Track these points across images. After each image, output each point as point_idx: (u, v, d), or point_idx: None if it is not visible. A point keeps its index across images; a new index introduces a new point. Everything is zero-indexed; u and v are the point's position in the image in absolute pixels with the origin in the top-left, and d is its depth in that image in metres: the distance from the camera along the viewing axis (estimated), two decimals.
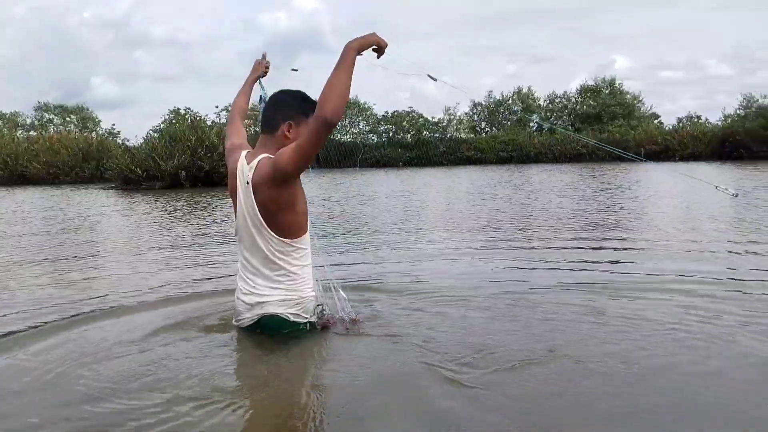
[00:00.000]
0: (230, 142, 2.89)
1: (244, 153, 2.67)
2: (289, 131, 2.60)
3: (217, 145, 18.63)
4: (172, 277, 4.45)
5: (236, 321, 2.78)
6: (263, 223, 2.57)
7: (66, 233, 7.54)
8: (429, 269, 4.55)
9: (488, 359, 2.43)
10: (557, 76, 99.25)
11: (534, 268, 4.49)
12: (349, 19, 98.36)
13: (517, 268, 4.51)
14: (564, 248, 5.24)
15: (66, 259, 5.45)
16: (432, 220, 8.21)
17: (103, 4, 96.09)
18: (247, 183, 2.57)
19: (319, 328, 2.75)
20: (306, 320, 2.70)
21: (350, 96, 2.47)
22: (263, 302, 2.65)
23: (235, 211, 2.70)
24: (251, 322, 2.70)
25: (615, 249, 5.19)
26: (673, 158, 32.42)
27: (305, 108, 2.59)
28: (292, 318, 2.66)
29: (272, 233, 2.58)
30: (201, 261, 5.18)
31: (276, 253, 2.61)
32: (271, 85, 3.10)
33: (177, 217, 9.34)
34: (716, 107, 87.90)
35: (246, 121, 3.20)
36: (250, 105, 3.21)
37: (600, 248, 5.28)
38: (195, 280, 4.31)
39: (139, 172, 18.45)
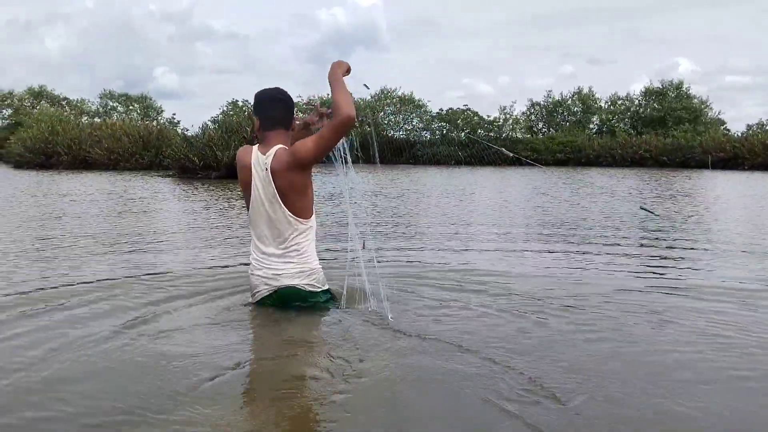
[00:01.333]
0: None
1: (255, 147, 3.04)
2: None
3: None
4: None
5: (253, 295, 3.13)
6: (281, 202, 2.94)
7: (123, 216, 7.59)
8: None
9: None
10: (616, 79, 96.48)
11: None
12: (405, 17, 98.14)
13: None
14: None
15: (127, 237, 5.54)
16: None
17: None
18: (266, 170, 2.93)
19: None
20: (320, 289, 3.08)
21: (405, 93, 3.44)
22: (279, 275, 3.00)
23: (247, 201, 3.07)
24: (267, 293, 3.04)
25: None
26: (742, 167, 30.80)
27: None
28: (308, 288, 3.03)
29: (288, 212, 2.95)
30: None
31: (291, 230, 2.98)
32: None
33: (230, 205, 9.28)
34: None
35: None
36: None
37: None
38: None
39: (196, 161, 18.64)
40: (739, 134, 37.32)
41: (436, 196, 12.46)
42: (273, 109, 3.04)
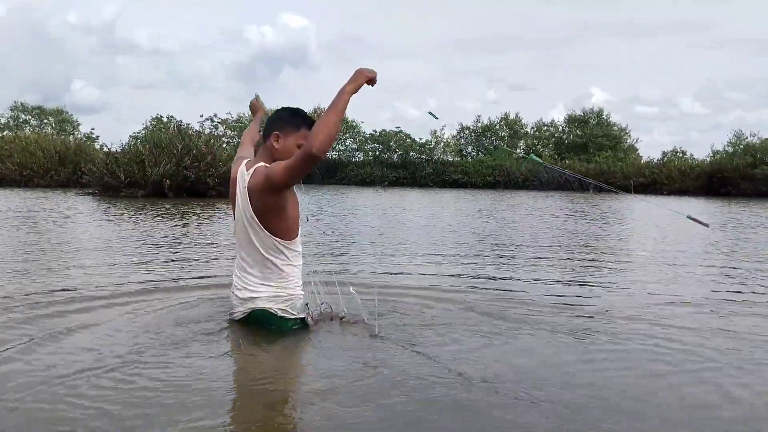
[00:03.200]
0: (238, 154, 3.20)
1: (245, 161, 2.95)
2: (276, 141, 2.87)
3: (205, 154, 17.79)
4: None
5: (230, 314, 3.07)
6: (259, 223, 2.83)
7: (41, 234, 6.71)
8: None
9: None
10: (536, 105, 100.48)
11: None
12: (334, 36, 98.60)
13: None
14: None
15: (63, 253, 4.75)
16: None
17: (88, 9, 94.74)
18: (245, 187, 2.84)
19: (312, 323, 3.03)
20: (294, 317, 2.96)
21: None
22: (254, 297, 2.91)
23: (234, 215, 2.98)
24: (243, 316, 2.98)
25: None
26: (661, 192, 32.35)
27: (296, 121, 2.89)
28: (280, 314, 2.92)
29: (267, 233, 2.84)
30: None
31: (270, 251, 2.87)
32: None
33: (173, 224, 8.51)
34: (690, 144, 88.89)
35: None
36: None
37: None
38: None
39: (122, 177, 17.48)
40: (655, 160, 39.34)
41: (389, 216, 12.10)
42: (265, 124, 3.01)
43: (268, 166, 2.81)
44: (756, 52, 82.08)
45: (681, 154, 42.34)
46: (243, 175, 2.88)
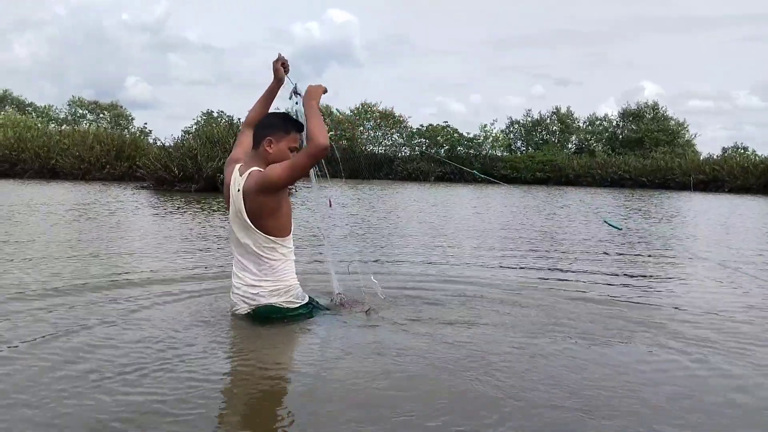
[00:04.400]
0: (231, 155, 3.31)
1: (237, 166, 3.12)
2: (269, 146, 3.04)
3: None
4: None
5: (232, 311, 3.22)
6: (251, 224, 3.01)
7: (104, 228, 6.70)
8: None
9: None
10: (584, 100, 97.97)
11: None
12: (379, 34, 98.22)
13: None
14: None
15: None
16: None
17: (141, 7, 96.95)
18: (238, 191, 3.02)
19: (338, 304, 3.50)
20: (298, 304, 3.19)
21: (386, 107, 4.45)
22: (256, 294, 3.08)
23: (229, 218, 3.14)
24: (246, 312, 3.15)
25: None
26: (722, 189, 30.93)
27: (286, 126, 3.09)
28: (285, 305, 3.13)
29: (260, 232, 3.01)
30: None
31: (264, 249, 3.04)
32: None
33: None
34: (745, 138, 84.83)
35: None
36: (286, 109, 3.56)
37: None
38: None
39: (176, 172, 17.63)
40: (714, 156, 37.69)
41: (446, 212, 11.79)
42: (255, 129, 3.16)
43: (262, 170, 2.99)
44: None
45: (742, 150, 40.51)
46: (236, 179, 3.05)
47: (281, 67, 3.47)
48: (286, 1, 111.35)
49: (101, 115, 45.62)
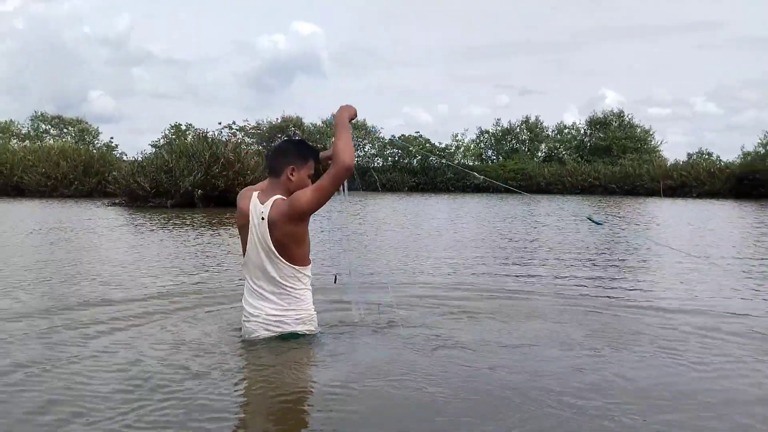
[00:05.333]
0: (255, 185, 3.28)
1: (255, 194, 3.05)
2: (292, 174, 3.01)
3: (233, 162, 17.43)
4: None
5: (247, 337, 3.14)
6: (276, 253, 2.97)
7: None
8: None
9: None
10: (548, 109, 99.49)
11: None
12: (345, 46, 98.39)
13: None
14: None
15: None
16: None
17: (103, 21, 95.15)
18: (263, 219, 2.97)
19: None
20: (316, 333, 3.20)
21: (358, 119, 3.31)
22: (280, 322, 3.06)
23: (243, 245, 3.10)
24: (267, 337, 3.08)
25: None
26: (691, 195, 31.60)
27: (305, 153, 3.08)
28: (307, 333, 3.14)
29: (285, 262, 2.99)
30: None
31: (288, 278, 3.02)
32: None
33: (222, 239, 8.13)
34: (703, 144, 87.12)
35: None
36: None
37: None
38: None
39: (148, 188, 17.17)
40: (681, 162, 38.51)
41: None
42: (271, 159, 3.11)
43: (286, 198, 2.97)
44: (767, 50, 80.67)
45: (707, 156, 41.52)
46: (257, 207, 2.99)
47: None
48: (251, 14, 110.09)
49: (65, 130, 44.42)
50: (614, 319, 3.87)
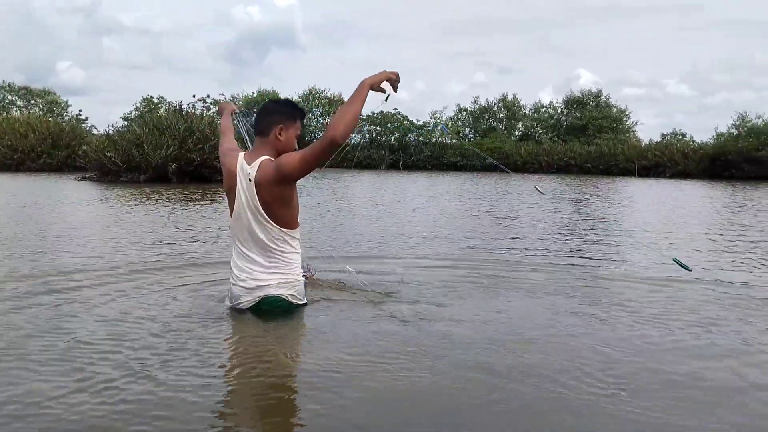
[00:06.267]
0: (226, 146, 3.26)
1: (241, 154, 3.02)
2: (280, 134, 2.98)
3: (209, 137, 17.01)
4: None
5: (233, 304, 3.11)
6: (264, 215, 2.91)
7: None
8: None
9: None
10: (525, 88, 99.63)
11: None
12: (322, 18, 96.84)
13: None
14: None
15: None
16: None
17: None
18: (250, 180, 2.91)
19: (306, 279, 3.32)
20: (301, 302, 3.13)
21: (336, 94, 7.41)
22: (263, 285, 2.99)
23: (231, 207, 3.05)
24: (251, 304, 3.05)
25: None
26: (664, 174, 31.98)
27: (293, 113, 3.05)
28: (290, 299, 3.06)
29: (272, 223, 2.92)
30: None
31: (276, 241, 2.96)
32: None
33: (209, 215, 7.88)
34: (675, 125, 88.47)
35: None
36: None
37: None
38: None
39: (119, 162, 16.70)
40: (654, 142, 38.88)
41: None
42: (258, 119, 3.03)
43: (273, 159, 2.91)
44: (741, 34, 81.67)
45: (680, 137, 42.02)
46: (244, 167, 2.94)
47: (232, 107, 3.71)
48: None
49: (33, 102, 43.09)
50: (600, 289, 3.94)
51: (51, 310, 3.19)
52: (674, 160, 32.68)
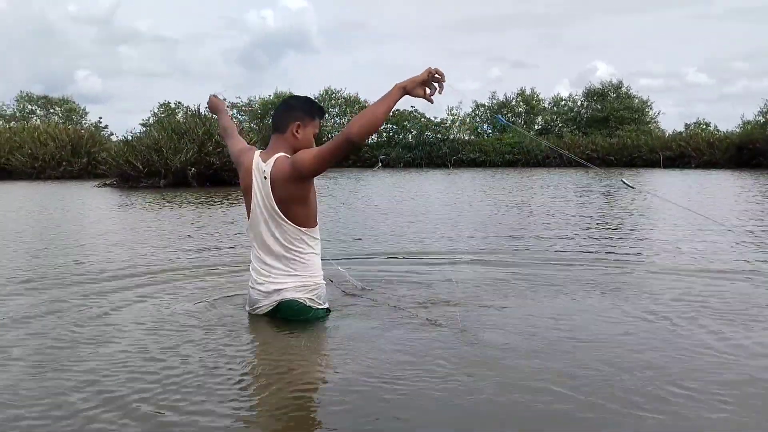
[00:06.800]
0: (238, 147, 3.09)
1: (257, 152, 2.91)
2: (297, 131, 2.87)
3: None
4: None
5: (251, 309, 3.00)
6: (280, 214, 2.80)
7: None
8: None
9: None
10: (540, 82, 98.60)
11: None
12: (335, 20, 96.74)
13: None
14: None
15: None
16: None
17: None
18: (265, 178, 2.82)
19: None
20: (321, 306, 2.96)
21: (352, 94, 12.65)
22: (281, 289, 2.86)
23: (248, 208, 2.95)
24: (269, 309, 2.92)
25: None
26: (689, 165, 31.26)
27: (311, 110, 2.94)
28: (308, 303, 2.90)
29: (288, 222, 2.81)
30: None
31: (293, 241, 2.83)
32: None
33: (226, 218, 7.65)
34: (694, 114, 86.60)
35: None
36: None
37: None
38: None
39: (140, 167, 16.60)
40: (680, 132, 38.08)
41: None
42: (276, 116, 2.94)
43: (289, 156, 2.81)
44: (759, 20, 79.84)
45: (704, 126, 41.10)
46: (259, 165, 2.85)
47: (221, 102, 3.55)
48: None
49: (52, 111, 43.41)
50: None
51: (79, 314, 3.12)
52: (699, 150, 31.94)
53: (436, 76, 2.68)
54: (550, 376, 2.20)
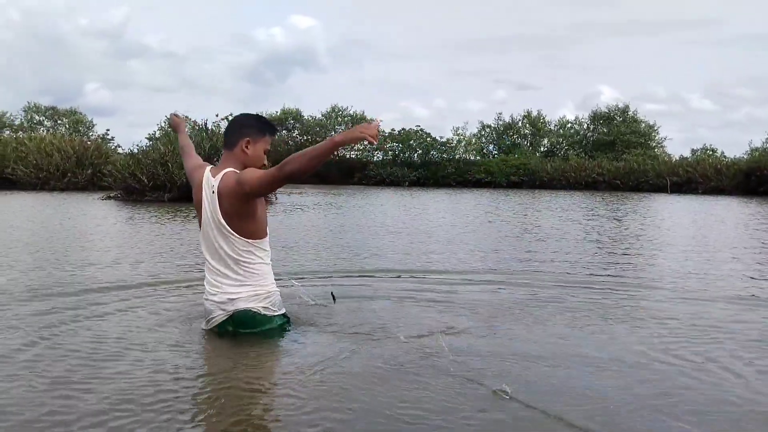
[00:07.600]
0: (193, 162, 3.24)
1: (208, 168, 3.02)
2: (246, 147, 2.97)
3: None
4: None
5: (207, 322, 3.08)
6: (227, 227, 2.90)
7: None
8: None
9: None
10: (544, 104, 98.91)
11: None
12: (342, 39, 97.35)
13: None
14: None
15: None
16: None
17: (99, 13, 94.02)
18: (213, 192, 2.90)
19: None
20: (276, 313, 3.07)
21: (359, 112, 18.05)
22: (234, 299, 2.96)
23: (200, 221, 3.02)
24: (223, 319, 3.01)
25: None
26: (696, 191, 31.05)
27: (262, 127, 3.03)
28: (263, 311, 3.01)
29: (235, 235, 2.90)
30: None
31: (242, 253, 2.93)
32: None
33: None
34: (698, 139, 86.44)
35: None
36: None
37: None
38: None
39: (145, 180, 16.48)
40: (686, 158, 37.95)
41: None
42: (226, 132, 3.02)
43: (238, 171, 2.87)
44: (764, 48, 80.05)
45: (711, 152, 40.98)
46: (209, 180, 2.92)
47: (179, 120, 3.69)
48: (248, 6, 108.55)
49: (59, 122, 43.53)
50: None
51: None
52: (707, 176, 31.76)
53: (369, 138, 2.68)
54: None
